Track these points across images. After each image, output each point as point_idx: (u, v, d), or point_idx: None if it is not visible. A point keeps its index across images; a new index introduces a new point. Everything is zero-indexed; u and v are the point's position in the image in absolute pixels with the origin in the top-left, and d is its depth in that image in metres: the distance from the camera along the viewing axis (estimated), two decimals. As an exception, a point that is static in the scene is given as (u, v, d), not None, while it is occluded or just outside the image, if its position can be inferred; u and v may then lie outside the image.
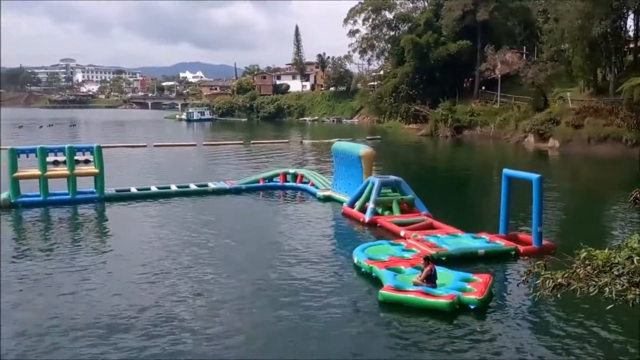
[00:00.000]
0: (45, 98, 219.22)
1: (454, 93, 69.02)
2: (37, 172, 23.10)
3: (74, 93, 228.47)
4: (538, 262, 7.67)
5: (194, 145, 54.57)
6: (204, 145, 54.80)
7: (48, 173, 23.33)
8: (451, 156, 48.13)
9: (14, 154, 22.96)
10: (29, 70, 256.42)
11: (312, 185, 26.43)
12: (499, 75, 62.32)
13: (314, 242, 17.56)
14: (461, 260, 15.14)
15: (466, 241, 16.76)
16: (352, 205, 21.42)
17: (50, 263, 15.27)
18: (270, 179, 28.15)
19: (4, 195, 22.47)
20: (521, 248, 16.14)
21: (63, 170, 23.94)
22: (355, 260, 14.90)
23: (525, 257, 15.58)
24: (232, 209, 23.20)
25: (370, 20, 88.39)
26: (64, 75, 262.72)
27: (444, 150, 53.56)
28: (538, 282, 7.40)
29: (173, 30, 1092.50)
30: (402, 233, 17.85)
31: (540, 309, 11.90)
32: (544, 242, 16.32)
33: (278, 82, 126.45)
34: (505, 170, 17.19)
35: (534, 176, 16.07)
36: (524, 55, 66.16)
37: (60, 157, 25.15)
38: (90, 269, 14.78)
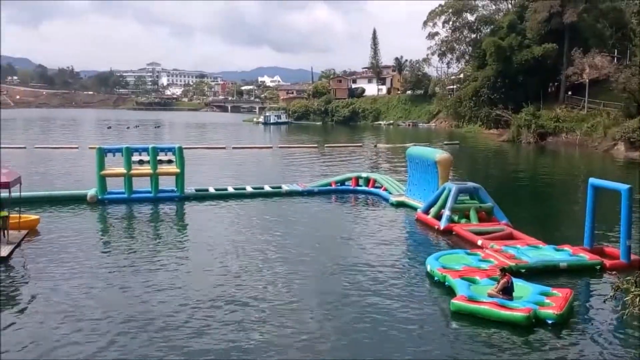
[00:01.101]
0: (133, 100, 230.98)
1: (538, 98, 66.39)
2: (122, 170, 24.29)
3: (159, 96, 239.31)
4: (627, 278, 7.14)
5: (270, 147, 55.62)
6: (279, 147, 55.72)
7: (132, 172, 24.46)
8: (534, 163, 46.18)
9: (102, 153, 24.24)
10: (118, 74, 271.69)
11: (385, 190, 26.14)
12: (587, 80, 59.26)
13: (386, 248, 17.32)
14: (542, 273, 14.46)
15: (548, 253, 15.98)
16: (426, 211, 20.98)
17: (132, 256, 15.95)
18: (342, 182, 28.12)
19: (92, 192, 23.77)
20: (607, 262, 15.19)
21: (146, 169, 25.02)
22: (428, 268, 14.56)
23: (612, 272, 14.67)
24: (304, 211, 23.34)
25: (451, 22, 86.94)
26: (150, 79, 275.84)
27: (527, 157, 51.49)
28: (627, 299, 6.87)
29: (254, 34, 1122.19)
30: (479, 242, 17.28)
31: (627, 329, 11.03)
32: (633, 256, 15.31)
33: (354, 86, 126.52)
34: (592, 180, 16.26)
35: (623, 187, 15.10)
36: (615, 59, 62.58)
37: (145, 157, 26.30)
38: (169, 263, 15.33)
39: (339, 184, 27.90)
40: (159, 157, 25.48)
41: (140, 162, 28.10)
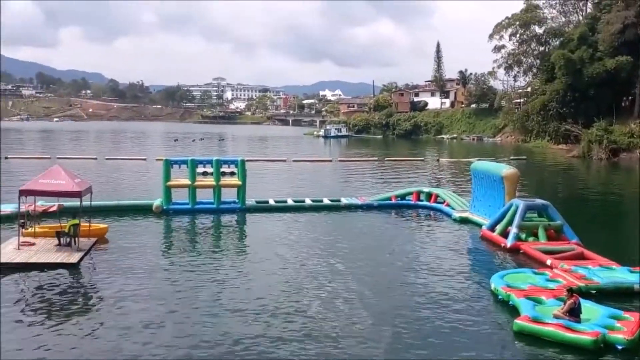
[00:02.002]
0: (198, 114, 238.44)
1: (611, 112, 63.56)
2: (187, 181, 24.88)
3: (223, 110, 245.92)
4: None
5: (330, 160, 55.71)
6: (339, 161, 55.71)
7: (197, 183, 25.00)
8: (606, 180, 43.97)
9: (168, 164, 24.93)
10: (185, 88, 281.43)
11: (448, 205, 25.50)
12: (665, 93, 56.18)
13: (449, 265, 16.83)
14: (614, 296, 13.75)
15: (621, 275, 15.13)
16: (492, 228, 20.30)
17: (194, 266, 16.19)
18: (402, 197, 27.67)
19: (157, 202, 24.45)
20: (689, 287, 14.13)
21: (210, 181, 25.51)
22: (493, 286, 14.07)
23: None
24: (363, 225, 23.07)
25: (518, 35, 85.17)
26: (215, 93, 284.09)
27: (598, 174, 49.15)
28: None
29: (316, 49, 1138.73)
30: (548, 262, 16.54)
31: None
32: None
33: (416, 99, 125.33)
34: (673, 198, 15.22)
35: None
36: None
37: (209, 169, 26.85)
38: (230, 274, 15.47)
39: (399, 199, 27.47)
40: (222, 169, 25.96)
41: (205, 173, 28.68)
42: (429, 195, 27.16)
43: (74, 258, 16.23)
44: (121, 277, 14.99)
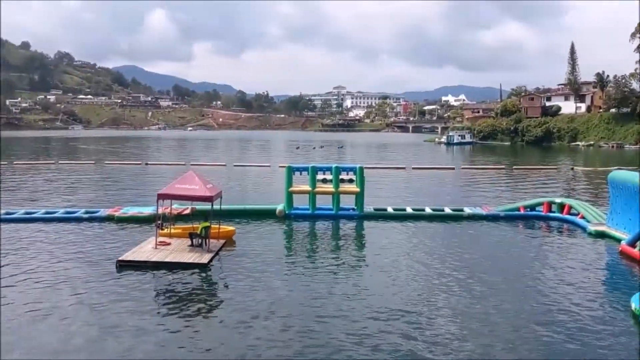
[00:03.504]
0: (319, 122, 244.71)
1: None
2: (308, 188, 25.46)
3: (343, 118, 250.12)
4: None
5: (452, 168, 54.19)
6: (463, 168, 54.00)
7: (317, 189, 25.50)
8: None
9: (290, 171, 25.70)
10: (307, 98, 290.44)
11: (582, 218, 23.65)
12: None
13: (583, 282, 15.58)
14: None
15: None
16: (632, 244, 18.52)
17: (313, 271, 16.46)
18: (532, 207, 26.09)
19: (280, 207, 25.26)
20: None
21: (329, 187, 25.91)
22: (634, 306, 12.92)
23: None
24: (488, 237, 22.07)
25: (665, 32, 77.33)
26: (335, 102, 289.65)
27: None
28: None
29: (438, 54, 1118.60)
30: (701, 283, 14.69)
31: None
32: None
33: (547, 104, 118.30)
34: None
35: None
36: None
37: (328, 176, 27.28)
38: (347, 281, 15.53)
39: (528, 209, 25.92)
40: (340, 176, 26.23)
41: (324, 180, 29.22)
42: (561, 206, 25.36)
43: (204, 259, 17.19)
44: (247, 277, 15.65)
